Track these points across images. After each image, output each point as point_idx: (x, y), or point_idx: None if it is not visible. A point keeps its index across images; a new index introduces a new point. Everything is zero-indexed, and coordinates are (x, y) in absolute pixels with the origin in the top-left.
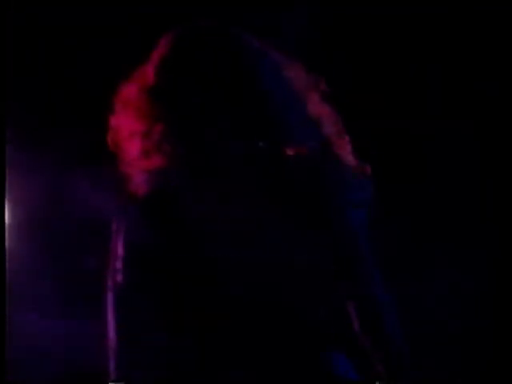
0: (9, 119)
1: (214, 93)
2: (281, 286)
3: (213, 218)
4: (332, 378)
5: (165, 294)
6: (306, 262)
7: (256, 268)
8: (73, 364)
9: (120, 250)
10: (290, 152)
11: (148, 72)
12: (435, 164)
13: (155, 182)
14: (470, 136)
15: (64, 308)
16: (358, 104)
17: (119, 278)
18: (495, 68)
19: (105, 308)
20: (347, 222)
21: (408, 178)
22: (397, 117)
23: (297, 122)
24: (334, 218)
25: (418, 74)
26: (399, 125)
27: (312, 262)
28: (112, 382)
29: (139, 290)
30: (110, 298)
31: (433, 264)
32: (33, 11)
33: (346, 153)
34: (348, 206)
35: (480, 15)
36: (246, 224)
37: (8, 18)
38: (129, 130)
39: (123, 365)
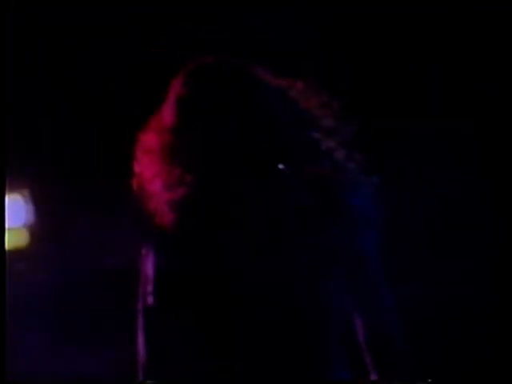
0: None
1: (229, 124)
2: (294, 297)
3: (234, 237)
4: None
5: (190, 313)
6: (317, 274)
7: (274, 280)
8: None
9: (150, 273)
10: (306, 172)
11: (165, 114)
12: (435, 163)
13: (178, 210)
14: (469, 136)
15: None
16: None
17: (150, 300)
18: (495, 68)
19: (136, 327)
20: (360, 240)
21: (410, 177)
22: (396, 117)
23: (310, 143)
24: (347, 234)
25: (417, 73)
26: (399, 124)
27: (323, 274)
28: None
29: (168, 310)
30: (140, 318)
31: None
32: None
33: (357, 169)
34: (361, 223)
35: (480, 15)
36: (266, 241)
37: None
38: (152, 173)
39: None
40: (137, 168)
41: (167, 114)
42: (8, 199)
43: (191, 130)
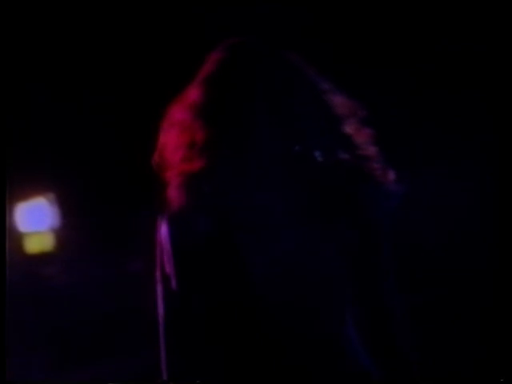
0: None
1: (255, 104)
2: (302, 287)
3: (247, 214)
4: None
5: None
6: (326, 264)
7: (282, 265)
8: None
9: (164, 244)
10: (321, 158)
11: (193, 89)
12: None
13: (192, 185)
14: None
15: None
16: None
17: (167, 269)
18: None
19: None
20: (372, 228)
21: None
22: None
23: (330, 136)
24: (359, 222)
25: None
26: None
27: (331, 264)
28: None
29: (187, 291)
30: (160, 301)
31: None
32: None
33: (376, 169)
34: (373, 213)
35: None
36: (277, 221)
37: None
38: (174, 144)
39: (173, 366)
40: (161, 139)
41: (195, 89)
42: (32, 203)
43: (216, 108)
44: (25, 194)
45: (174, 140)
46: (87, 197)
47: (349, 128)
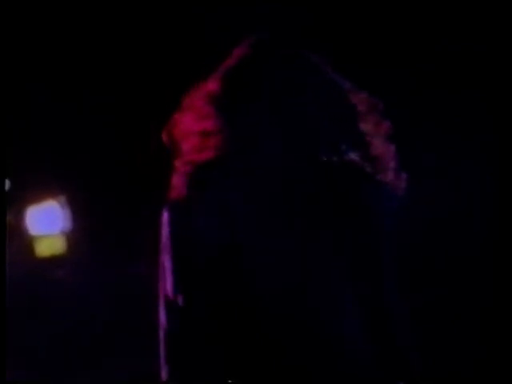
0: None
1: (268, 102)
2: (303, 285)
3: (250, 211)
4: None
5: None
6: (326, 264)
7: (283, 263)
8: None
9: (166, 236)
10: (330, 158)
11: (213, 80)
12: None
13: (198, 175)
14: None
15: None
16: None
17: (167, 264)
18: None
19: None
20: (374, 229)
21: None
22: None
23: (344, 136)
24: (361, 223)
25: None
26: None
27: (336, 263)
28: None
29: (189, 291)
30: (162, 305)
31: None
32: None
33: (388, 170)
34: (378, 213)
35: None
36: (280, 221)
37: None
38: (187, 130)
39: (175, 372)
40: (176, 117)
41: (215, 81)
42: (44, 206)
43: (231, 102)
44: (35, 196)
45: (188, 126)
46: (98, 199)
47: (366, 127)
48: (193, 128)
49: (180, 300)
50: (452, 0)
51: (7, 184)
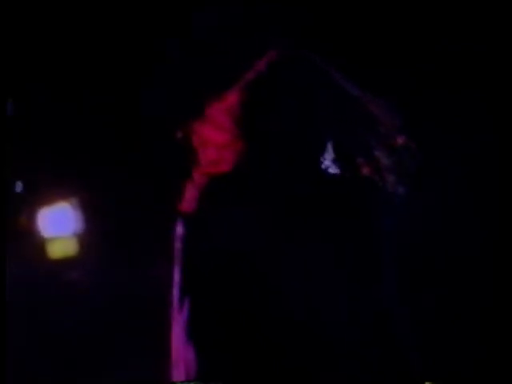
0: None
1: (286, 117)
2: (313, 288)
3: (261, 224)
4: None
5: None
6: (334, 264)
7: (296, 266)
8: None
9: (178, 249)
10: (338, 169)
11: (233, 94)
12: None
13: (213, 187)
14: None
15: None
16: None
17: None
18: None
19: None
20: (377, 232)
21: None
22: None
23: (358, 150)
24: (365, 226)
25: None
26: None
27: (340, 264)
28: None
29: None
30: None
31: None
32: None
33: (390, 181)
34: (378, 215)
35: None
36: (292, 229)
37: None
38: (205, 139)
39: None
40: (196, 127)
41: (235, 94)
42: (56, 208)
43: (248, 116)
44: (47, 198)
45: (206, 136)
46: (110, 201)
47: (379, 137)
48: (210, 139)
49: (185, 310)
50: (452, 0)
51: (19, 186)
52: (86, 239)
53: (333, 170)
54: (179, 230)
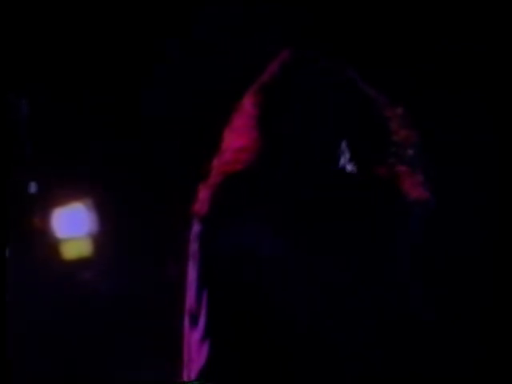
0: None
1: (302, 118)
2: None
3: (276, 221)
4: None
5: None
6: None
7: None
8: None
9: (194, 249)
10: (356, 170)
11: (250, 97)
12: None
13: (229, 184)
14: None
15: None
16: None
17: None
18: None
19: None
20: (402, 240)
21: None
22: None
23: (375, 152)
24: (390, 234)
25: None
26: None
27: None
28: None
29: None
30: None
31: None
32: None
33: (411, 184)
34: (404, 225)
35: None
36: (311, 231)
37: None
38: (227, 146)
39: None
40: (224, 144)
41: (251, 97)
42: (70, 209)
43: (265, 118)
44: (62, 199)
45: (228, 143)
46: (125, 202)
47: (397, 140)
48: (231, 145)
49: (201, 312)
50: (452, 0)
51: (33, 186)
52: (100, 240)
53: (348, 171)
54: (195, 229)
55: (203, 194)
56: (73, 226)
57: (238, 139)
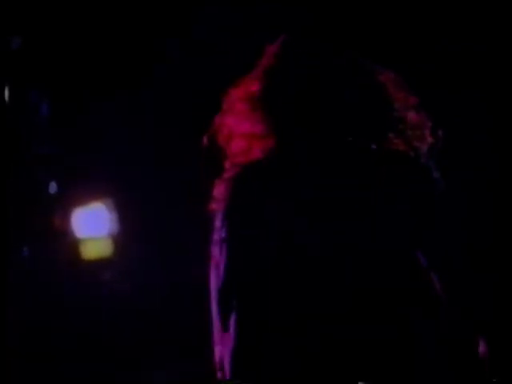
0: None
1: (308, 97)
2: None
3: (298, 208)
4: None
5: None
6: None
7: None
8: None
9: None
10: (373, 146)
11: (253, 81)
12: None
13: (247, 176)
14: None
15: None
16: None
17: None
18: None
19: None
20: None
21: None
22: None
23: (387, 123)
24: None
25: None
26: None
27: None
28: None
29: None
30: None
31: None
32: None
33: (425, 139)
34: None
35: None
36: (330, 211)
37: None
38: (231, 131)
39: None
40: (217, 120)
41: (254, 81)
42: (91, 209)
43: (273, 101)
44: (82, 199)
45: (232, 128)
46: (145, 202)
47: (398, 104)
48: (237, 130)
49: (230, 298)
50: (452, 0)
51: (53, 186)
52: (120, 240)
53: (365, 146)
54: (217, 221)
55: (219, 189)
56: (93, 226)
57: (242, 124)
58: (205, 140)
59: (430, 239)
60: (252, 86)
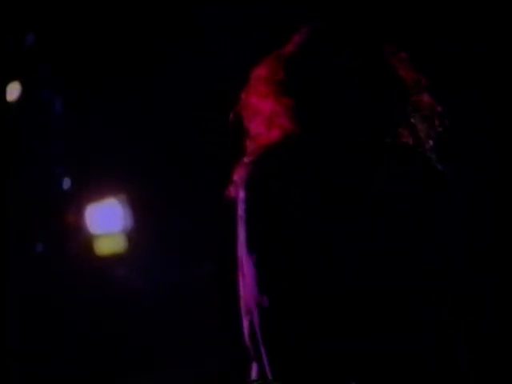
0: None
1: (331, 84)
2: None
3: (319, 190)
4: None
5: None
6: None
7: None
8: None
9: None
10: (387, 141)
11: (275, 65)
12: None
13: (271, 158)
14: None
15: None
16: None
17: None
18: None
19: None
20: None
21: None
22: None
23: (394, 115)
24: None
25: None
26: None
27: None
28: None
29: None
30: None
31: None
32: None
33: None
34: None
35: None
36: (346, 201)
37: None
38: (254, 109)
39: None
40: (243, 96)
41: (277, 65)
42: (104, 205)
43: (294, 86)
44: (96, 195)
45: (255, 106)
46: (159, 198)
47: (407, 87)
48: (258, 108)
49: (250, 271)
50: (452, 0)
51: (68, 183)
52: (134, 236)
53: (373, 138)
54: (241, 194)
55: (240, 173)
56: (107, 222)
57: (264, 103)
58: (231, 116)
59: (430, 239)
60: (274, 69)
